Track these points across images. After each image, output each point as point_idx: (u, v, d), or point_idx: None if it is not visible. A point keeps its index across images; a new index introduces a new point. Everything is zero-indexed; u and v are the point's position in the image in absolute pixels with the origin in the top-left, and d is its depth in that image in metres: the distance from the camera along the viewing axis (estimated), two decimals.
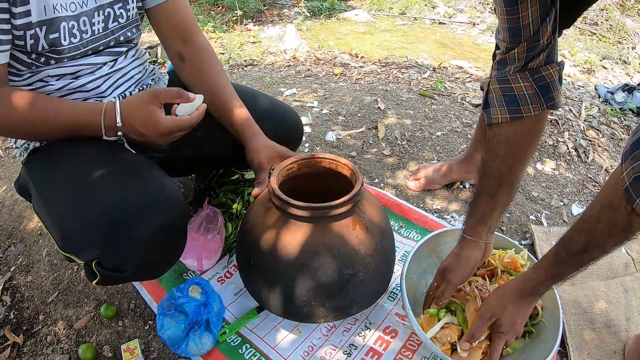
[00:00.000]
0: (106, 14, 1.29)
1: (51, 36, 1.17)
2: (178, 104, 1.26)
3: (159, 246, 1.18)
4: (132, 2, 1.35)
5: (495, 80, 1.26)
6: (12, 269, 1.81)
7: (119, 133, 1.23)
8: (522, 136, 1.25)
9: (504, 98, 1.23)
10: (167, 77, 1.64)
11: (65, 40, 1.21)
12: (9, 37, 1.12)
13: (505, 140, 1.25)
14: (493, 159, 1.27)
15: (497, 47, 1.76)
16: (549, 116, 2.61)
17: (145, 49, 3.72)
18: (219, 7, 6.05)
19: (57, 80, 1.28)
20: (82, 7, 1.22)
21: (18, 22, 1.11)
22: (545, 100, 1.20)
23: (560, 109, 2.78)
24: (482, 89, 1.34)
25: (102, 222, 1.11)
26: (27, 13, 1.11)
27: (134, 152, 1.30)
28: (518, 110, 1.22)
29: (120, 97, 1.39)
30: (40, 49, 1.17)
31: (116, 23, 1.33)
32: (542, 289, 1.20)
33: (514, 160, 1.27)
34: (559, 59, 1.23)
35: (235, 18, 5.48)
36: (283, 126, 1.66)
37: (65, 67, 1.26)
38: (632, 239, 0.95)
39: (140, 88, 1.48)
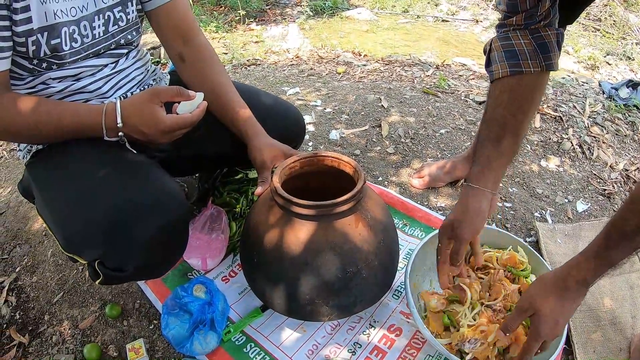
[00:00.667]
0: (106, 17, 1.29)
1: (52, 42, 1.18)
2: (179, 102, 1.26)
3: (160, 246, 1.18)
4: (132, 6, 1.35)
5: (496, 38, 1.30)
6: (17, 270, 1.81)
7: (120, 133, 1.23)
8: (524, 88, 1.26)
9: (504, 54, 1.26)
10: (169, 77, 1.64)
11: (66, 45, 1.21)
12: (10, 43, 1.13)
13: (509, 90, 1.26)
14: (497, 106, 1.28)
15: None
16: (552, 113, 2.61)
17: (148, 49, 3.73)
18: (221, 7, 6.04)
19: (59, 82, 1.28)
20: (82, 12, 1.22)
21: (19, 29, 1.11)
22: (544, 58, 1.23)
23: (564, 106, 2.77)
24: (485, 51, 1.37)
25: (103, 223, 1.11)
26: (28, 20, 1.12)
27: (135, 152, 1.31)
28: (518, 64, 1.24)
29: (122, 97, 1.39)
30: (42, 54, 1.18)
31: (116, 26, 1.33)
32: (590, 278, 1.05)
33: (517, 108, 1.26)
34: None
35: (237, 18, 5.47)
36: (285, 124, 1.66)
37: (66, 69, 1.26)
38: None
39: (142, 89, 1.48)
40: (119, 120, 1.21)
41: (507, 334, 1.21)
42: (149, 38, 3.90)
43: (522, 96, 1.26)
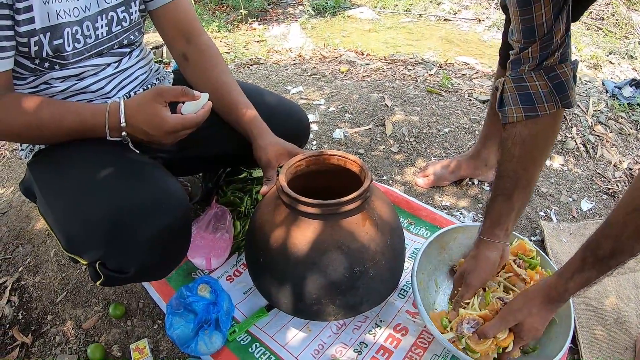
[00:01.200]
0: (109, 17, 1.28)
1: (55, 42, 1.17)
2: (183, 102, 1.25)
3: (161, 247, 1.17)
4: (135, 6, 1.35)
5: (510, 79, 1.25)
6: (20, 270, 1.80)
7: (124, 133, 1.22)
8: (537, 136, 1.24)
9: (519, 97, 1.23)
10: (172, 75, 1.63)
11: (69, 45, 1.20)
12: (13, 43, 1.12)
13: (521, 141, 1.24)
14: (509, 160, 1.27)
15: (503, 44, 1.75)
16: None
17: (151, 49, 3.72)
18: (223, 6, 6.04)
19: (62, 82, 1.27)
20: (85, 12, 1.22)
21: (22, 29, 1.10)
22: (561, 98, 1.20)
23: None
24: (496, 88, 1.33)
25: (104, 223, 1.10)
26: (31, 20, 1.11)
27: (138, 152, 1.30)
28: (533, 108, 1.21)
29: (126, 97, 1.38)
30: (44, 55, 1.17)
31: (120, 27, 1.32)
32: (568, 295, 1.15)
33: (529, 161, 1.26)
34: (572, 57, 1.23)
35: (240, 17, 5.47)
36: (290, 123, 1.65)
37: (69, 69, 1.26)
38: None
39: (145, 88, 1.47)
40: (122, 120, 1.19)
41: (481, 340, 1.26)
42: (152, 37, 3.90)
43: (534, 145, 1.25)
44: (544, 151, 1.28)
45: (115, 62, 1.37)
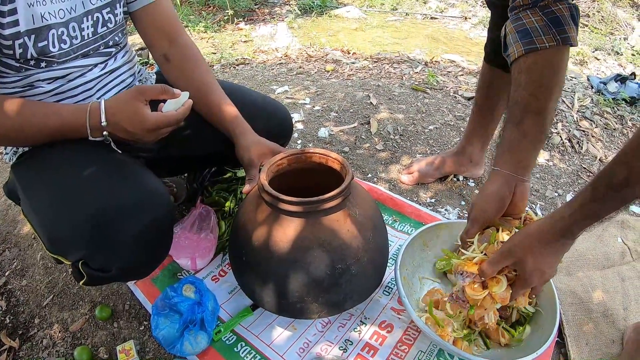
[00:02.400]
0: (95, 18, 1.29)
1: (40, 44, 1.17)
2: (164, 101, 1.26)
3: (144, 246, 1.18)
4: (120, 7, 1.35)
5: (509, 22, 1.28)
6: (6, 274, 1.80)
7: (105, 133, 1.22)
8: (542, 65, 1.22)
9: (518, 35, 1.24)
10: (155, 77, 1.64)
11: (54, 47, 1.21)
12: None
13: (526, 69, 1.23)
14: (516, 88, 1.25)
15: (488, 40, 1.77)
16: None
17: (136, 50, 3.72)
18: (210, 7, 6.04)
19: (48, 83, 1.27)
20: (70, 13, 1.22)
21: (6, 32, 1.10)
22: (558, 32, 1.20)
23: None
24: (502, 37, 1.34)
25: (87, 222, 1.11)
26: (15, 23, 1.11)
27: (120, 152, 1.30)
28: (531, 42, 1.22)
29: None
30: (29, 56, 1.17)
31: (105, 27, 1.33)
32: (576, 229, 1.03)
33: (537, 88, 1.22)
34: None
35: (226, 17, 5.47)
36: (272, 122, 1.66)
37: (55, 70, 1.26)
38: None
39: None
40: (103, 119, 1.20)
41: (483, 278, 1.19)
42: (137, 39, 3.90)
43: (540, 74, 1.22)
44: (552, 80, 1.23)
45: (101, 63, 1.37)
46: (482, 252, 1.26)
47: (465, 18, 5.61)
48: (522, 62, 1.24)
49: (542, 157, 2.33)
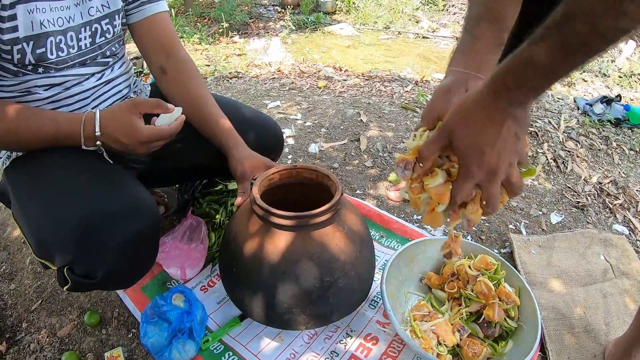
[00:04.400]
0: (93, 29, 1.32)
1: (38, 51, 1.20)
2: (157, 115, 1.29)
3: (130, 253, 1.19)
4: (119, 19, 1.38)
5: None
6: None
7: (98, 142, 1.25)
8: None
9: None
10: (150, 88, 1.66)
11: (52, 54, 1.23)
12: None
13: None
14: (471, 5, 1.17)
15: None
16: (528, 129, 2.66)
17: (131, 59, 3.74)
18: (205, 19, 6.08)
19: (45, 90, 1.30)
20: (69, 23, 1.25)
21: (5, 37, 1.13)
22: None
23: (539, 122, 2.84)
24: None
25: (74, 228, 1.12)
26: (15, 28, 1.14)
27: (111, 162, 1.32)
28: None
29: None
30: (27, 62, 1.20)
31: (103, 38, 1.36)
32: (510, 83, 0.79)
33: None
34: None
35: (221, 30, 5.51)
36: (264, 136, 1.69)
37: (52, 77, 1.28)
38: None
39: None
40: (97, 129, 1.23)
41: (421, 165, 0.95)
42: (132, 47, 3.91)
43: None
44: None
45: (98, 73, 1.40)
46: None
47: (456, 38, 5.67)
48: None
49: None
